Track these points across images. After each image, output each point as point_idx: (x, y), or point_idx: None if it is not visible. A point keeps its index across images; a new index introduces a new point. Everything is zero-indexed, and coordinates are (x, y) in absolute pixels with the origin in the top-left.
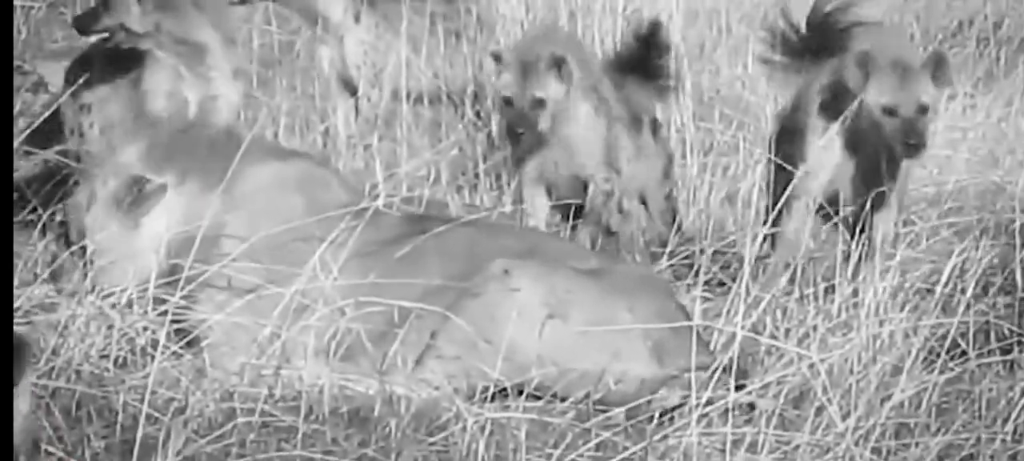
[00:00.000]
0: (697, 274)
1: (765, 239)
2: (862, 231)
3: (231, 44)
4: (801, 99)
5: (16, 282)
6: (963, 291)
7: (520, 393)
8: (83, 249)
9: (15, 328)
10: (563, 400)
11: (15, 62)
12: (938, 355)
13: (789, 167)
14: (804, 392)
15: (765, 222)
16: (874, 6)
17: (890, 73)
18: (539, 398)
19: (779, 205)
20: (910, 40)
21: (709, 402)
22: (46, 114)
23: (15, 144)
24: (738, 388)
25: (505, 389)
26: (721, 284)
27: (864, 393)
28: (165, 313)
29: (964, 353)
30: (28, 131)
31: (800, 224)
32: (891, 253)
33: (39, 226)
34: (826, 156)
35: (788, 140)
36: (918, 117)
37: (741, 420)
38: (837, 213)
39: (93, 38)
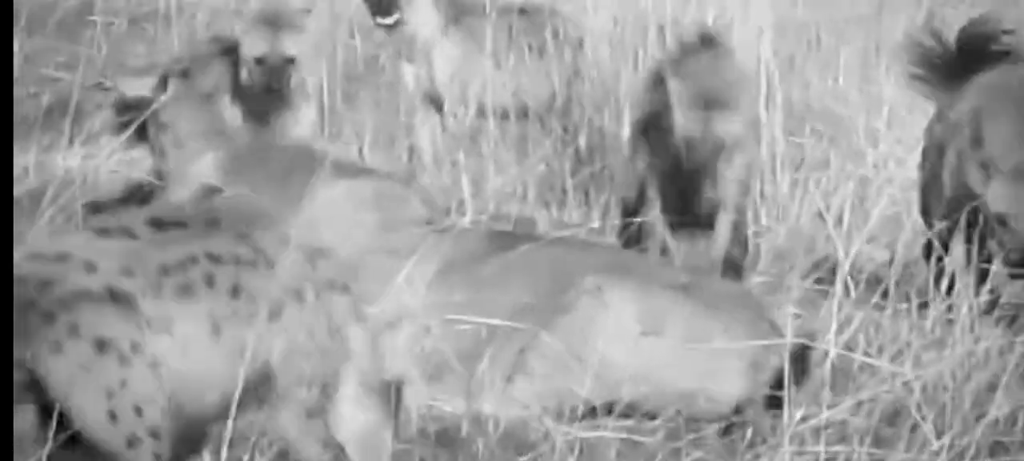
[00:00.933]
0: (789, 290)
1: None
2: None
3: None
4: (944, 117)
5: None
6: None
7: (610, 411)
8: None
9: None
10: (653, 418)
11: (96, 79)
12: None
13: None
14: (898, 410)
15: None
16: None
17: (1009, 181)
18: (629, 416)
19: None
20: None
21: (802, 420)
22: (129, 131)
23: (97, 162)
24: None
25: (594, 407)
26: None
27: (959, 411)
28: None
29: None
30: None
31: None
32: (985, 268)
33: None
34: None
35: (935, 156)
36: None
37: (834, 438)
38: (931, 227)
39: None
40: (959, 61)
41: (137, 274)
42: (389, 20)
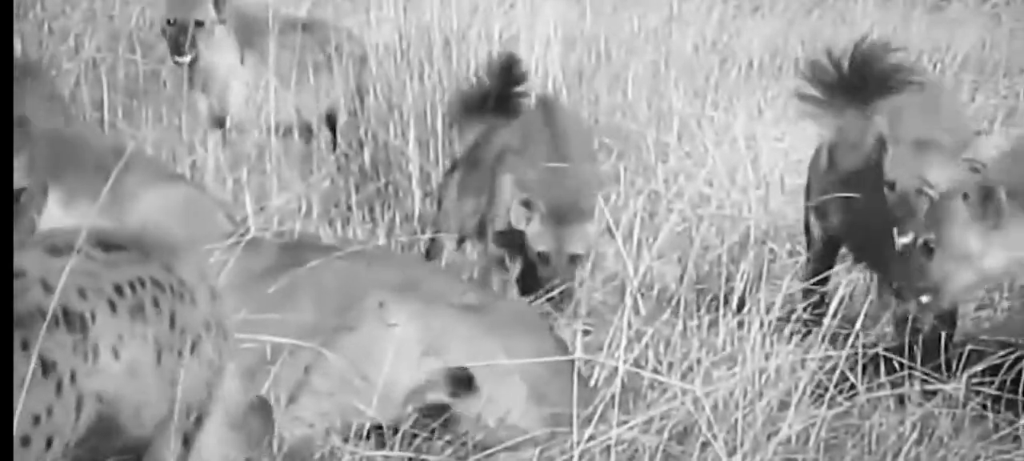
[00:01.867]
0: (577, 307)
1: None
2: None
3: None
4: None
5: None
6: (852, 322)
7: (396, 431)
8: None
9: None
10: (441, 438)
11: None
12: (826, 389)
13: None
14: (688, 427)
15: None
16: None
17: (904, 149)
18: (416, 436)
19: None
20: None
21: (590, 438)
22: None
23: None
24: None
25: (381, 426)
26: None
27: (751, 429)
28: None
29: (853, 387)
30: None
31: None
32: (777, 285)
33: None
34: None
35: (830, 181)
36: (913, 194)
37: (624, 457)
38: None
39: None
40: (854, 83)
41: (91, 295)
42: (185, 59)
